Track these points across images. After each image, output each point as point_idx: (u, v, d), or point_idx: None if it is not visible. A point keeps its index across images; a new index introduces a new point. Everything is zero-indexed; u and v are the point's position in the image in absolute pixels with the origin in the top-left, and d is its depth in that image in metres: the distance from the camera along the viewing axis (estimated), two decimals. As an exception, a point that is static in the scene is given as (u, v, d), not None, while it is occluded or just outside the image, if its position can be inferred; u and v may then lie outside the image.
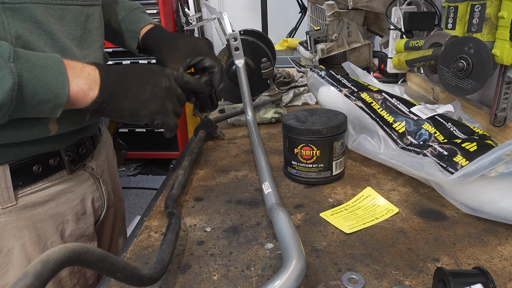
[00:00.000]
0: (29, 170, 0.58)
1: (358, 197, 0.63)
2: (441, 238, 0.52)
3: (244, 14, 2.99)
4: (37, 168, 0.59)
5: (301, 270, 0.39)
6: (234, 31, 0.93)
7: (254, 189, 0.68)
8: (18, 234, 0.58)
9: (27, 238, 0.59)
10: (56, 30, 0.56)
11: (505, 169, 0.50)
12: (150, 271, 0.39)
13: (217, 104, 0.74)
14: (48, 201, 0.61)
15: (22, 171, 0.57)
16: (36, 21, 0.53)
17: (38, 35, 0.53)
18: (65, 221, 0.64)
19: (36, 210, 0.60)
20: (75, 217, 0.66)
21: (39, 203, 0.60)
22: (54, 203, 0.62)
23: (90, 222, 0.69)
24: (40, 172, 0.59)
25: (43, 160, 0.60)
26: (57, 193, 0.63)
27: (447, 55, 0.79)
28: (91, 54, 0.62)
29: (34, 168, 0.58)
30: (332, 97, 0.78)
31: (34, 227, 0.60)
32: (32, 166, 0.58)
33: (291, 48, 1.98)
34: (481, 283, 0.37)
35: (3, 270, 0.57)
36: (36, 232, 0.60)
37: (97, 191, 0.71)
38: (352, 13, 1.32)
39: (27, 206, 0.58)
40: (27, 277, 0.24)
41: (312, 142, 0.65)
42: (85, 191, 0.68)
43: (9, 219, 0.57)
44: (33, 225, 0.60)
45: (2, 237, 0.57)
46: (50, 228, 0.62)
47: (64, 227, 0.64)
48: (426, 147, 0.63)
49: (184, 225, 0.58)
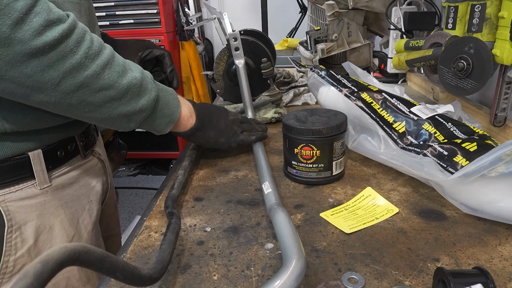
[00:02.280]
0: (55, 154, 0.63)
1: (358, 197, 0.63)
2: (441, 238, 0.52)
3: (244, 14, 2.99)
4: (60, 153, 0.64)
5: (301, 270, 0.39)
6: (234, 31, 0.93)
7: (254, 189, 0.68)
8: (56, 212, 0.64)
9: (63, 215, 0.65)
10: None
11: (505, 169, 0.50)
12: (150, 271, 0.39)
13: (176, 85, 0.86)
14: (72, 183, 0.67)
15: (51, 154, 0.63)
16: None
17: None
18: (89, 201, 0.71)
19: (66, 191, 0.66)
20: (96, 197, 0.73)
21: (67, 185, 0.66)
22: (77, 185, 0.69)
23: (100, 203, 0.76)
24: (63, 156, 0.65)
25: (64, 145, 0.65)
26: (77, 176, 0.69)
27: (447, 55, 0.79)
28: None
29: (58, 153, 0.64)
30: (332, 97, 0.78)
31: (67, 205, 0.66)
32: (57, 150, 0.64)
33: (291, 48, 1.98)
34: (481, 283, 0.37)
35: (48, 245, 0.63)
36: (69, 210, 0.66)
37: (104, 175, 0.78)
38: (352, 13, 1.31)
39: (58, 187, 0.65)
40: (27, 277, 0.24)
41: (312, 142, 0.64)
42: (96, 174, 0.74)
43: (47, 198, 0.63)
44: (66, 204, 0.66)
45: (43, 215, 0.62)
46: (79, 207, 0.69)
47: (91, 207, 0.71)
48: (426, 147, 0.63)
49: (184, 225, 0.58)
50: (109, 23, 2.60)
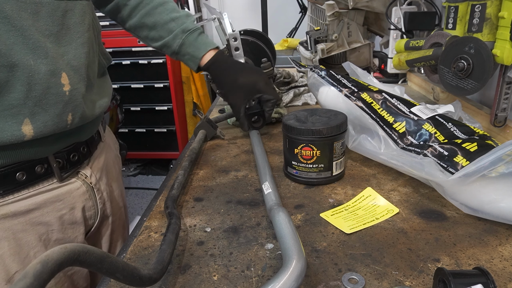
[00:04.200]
0: (12, 177, 0.55)
1: (358, 197, 0.63)
2: (442, 239, 0.52)
3: (244, 14, 2.99)
4: (21, 176, 0.56)
5: (301, 270, 0.39)
6: (234, 31, 0.93)
7: (254, 189, 0.68)
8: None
9: (6, 249, 0.56)
10: (29, 26, 0.52)
11: (505, 169, 0.50)
12: (150, 271, 0.39)
13: (262, 124, 0.89)
14: (32, 210, 0.59)
15: (4, 178, 0.55)
16: (5, 16, 0.50)
17: (7, 31, 0.50)
18: (49, 230, 0.61)
19: (17, 220, 0.57)
20: (61, 226, 0.63)
21: (21, 212, 0.57)
22: (38, 212, 0.59)
23: (79, 231, 0.66)
24: (25, 180, 0.57)
25: (28, 167, 0.57)
26: (44, 202, 0.60)
27: (447, 55, 0.78)
28: (71, 51, 0.59)
29: (17, 176, 0.56)
30: (332, 97, 0.78)
31: (14, 237, 0.57)
32: (15, 173, 0.56)
33: (291, 48, 1.98)
34: (482, 283, 0.37)
35: None
36: (17, 243, 0.57)
37: (90, 200, 0.68)
38: (352, 13, 1.31)
39: (7, 216, 0.56)
40: (27, 277, 0.24)
41: (312, 142, 0.64)
42: (75, 199, 0.65)
43: None
44: (13, 235, 0.57)
45: None
46: (33, 238, 0.59)
47: (48, 237, 0.61)
48: (427, 147, 0.63)
49: (184, 226, 0.58)
50: (109, 23, 2.60)
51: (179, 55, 0.85)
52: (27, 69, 0.52)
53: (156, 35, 0.83)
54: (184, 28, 0.82)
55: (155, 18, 0.81)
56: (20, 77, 0.52)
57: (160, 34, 0.83)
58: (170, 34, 0.82)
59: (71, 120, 0.59)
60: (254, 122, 0.88)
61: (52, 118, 0.56)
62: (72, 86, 0.58)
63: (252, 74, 0.84)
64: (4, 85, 0.51)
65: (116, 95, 2.35)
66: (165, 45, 0.84)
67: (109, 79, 0.77)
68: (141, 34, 0.85)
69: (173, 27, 0.82)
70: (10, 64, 0.50)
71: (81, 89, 0.60)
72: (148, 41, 0.86)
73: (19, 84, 0.52)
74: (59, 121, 0.57)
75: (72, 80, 0.58)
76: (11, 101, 0.52)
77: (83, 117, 0.61)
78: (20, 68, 0.51)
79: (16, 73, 0.51)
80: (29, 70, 0.52)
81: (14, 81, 0.51)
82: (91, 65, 0.64)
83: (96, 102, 0.66)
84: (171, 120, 2.90)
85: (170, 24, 0.82)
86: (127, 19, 0.83)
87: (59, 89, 0.56)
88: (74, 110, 0.59)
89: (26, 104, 0.53)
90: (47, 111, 0.55)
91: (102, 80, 0.72)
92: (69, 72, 0.58)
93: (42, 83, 0.54)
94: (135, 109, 2.91)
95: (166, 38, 0.82)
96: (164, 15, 0.82)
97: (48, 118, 0.55)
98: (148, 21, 0.82)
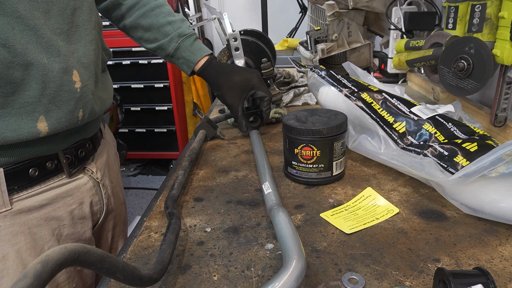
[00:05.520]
0: (25, 173, 0.57)
1: (359, 197, 0.63)
2: (442, 239, 0.52)
3: (244, 14, 2.99)
4: (34, 172, 0.58)
5: (301, 270, 0.39)
6: (234, 31, 0.93)
7: (254, 189, 0.68)
8: (13, 239, 0.57)
9: (22, 243, 0.58)
10: (41, 24, 0.53)
11: (505, 170, 0.50)
12: (150, 271, 0.39)
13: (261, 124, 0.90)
14: (45, 205, 0.60)
15: (18, 174, 0.56)
16: (19, 15, 0.51)
17: (21, 31, 0.51)
18: (61, 225, 0.63)
19: (32, 215, 0.58)
20: (72, 221, 0.65)
21: (35, 208, 0.59)
22: (51, 207, 0.61)
23: (88, 226, 0.68)
24: (37, 176, 0.58)
25: (40, 163, 0.59)
26: (55, 197, 0.61)
27: (447, 55, 0.78)
28: (80, 49, 0.60)
29: (30, 172, 0.57)
30: (333, 97, 0.78)
31: (29, 232, 0.58)
32: (28, 169, 0.57)
33: (291, 48, 1.98)
34: (482, 283, 0.37)
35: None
36: (32, 237, 0.59)
37: (96, 195, 0.70)
38: (353, 13, 1.31)
39: (22, 211, 0.57)
40: (27, 278, 0.24)
41: (313, 142, 0.64)
42: (83, 194, 0.66)
43: (4, 224, 0.56)
44: (29, 230, 0.58)
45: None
46: (46, 232, 0.61)
47: (60, 231, 0.63)
48: (427, 147, 0.63)
49: (184, 226, 0.58)
50: (109, 23, 2.59)
51: (173, 58, 0.86)
52: (41, 67, 0.53)
53: (151, 37, 0.84)
54: (181, 32, 0.83)
55: (151, 20, 0.82)
56: (35, 75, 0.53)
57: (155, 36, 0.84)
58: (165, 37, 0.83)
59: (81, 116, 0.61)
60: (252, 122, 0.89)
61: (65, 114, 0.58)
62: (82, 83, 0.60)
63: (245, 72, 0.86)
64: (20, 83, 0.52)
65: (116, 95, 2.36)
66: (159, 48, 0.84)
67: (109, 75, 0.78)
68: (135, 35, 0.86)
69: (169, 30, 0.83)
70: (25, 63, 0.52)
71: (90, 86, 0.62)
72: (142, 42, 0.87)
73: (34, 82, 0.53)
74: (71, 117, 0.59)
75: (82, 77, 0.60)
76: (26, 99, 0.53)
77: (92, 113, 0.63)
78: (35, 67, 0.53)
79: (31, 71, 0.53)
80: (43, 69, 0.54)
81: (30, 79, 0.53)
82: (97, 61, 0.66)
83: (102, 98, 0.68)
84: (171, 120, 2.90)
85: (166, 27, 0.83)
86: (122, 18, 0.84)
87: (71, 86, 0.58)
88: (85, 106, 0.61)
89: (41, 102, 0.54)
90: (61, 108, 0.57)
91: (104, 76, 0.74)
92: (80, 69, 0.59)
93: (56, 81, 0.55)
94: (135, 109, 2.91)
95: (162, 41, 0.83)
96: (161, 18, 0.82)
97: (61, 115, 0.57)
98: (144, 22, 0.82)
